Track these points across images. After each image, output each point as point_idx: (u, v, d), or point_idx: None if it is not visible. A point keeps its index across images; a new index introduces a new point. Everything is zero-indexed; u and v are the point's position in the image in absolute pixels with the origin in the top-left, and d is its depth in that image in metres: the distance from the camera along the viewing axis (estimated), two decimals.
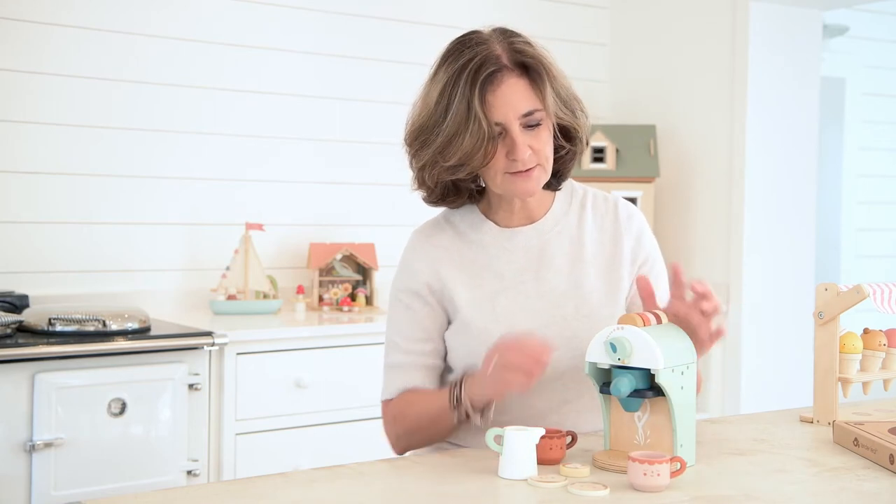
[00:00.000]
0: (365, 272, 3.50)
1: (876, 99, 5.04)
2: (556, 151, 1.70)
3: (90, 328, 2.65)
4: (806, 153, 3.79)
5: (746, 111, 3.65)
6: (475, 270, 1.74)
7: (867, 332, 1.82)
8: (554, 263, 1.74)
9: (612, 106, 4.16)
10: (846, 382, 1.77)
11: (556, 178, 1.76)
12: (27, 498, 2.49)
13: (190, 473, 2.71)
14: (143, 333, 2.71)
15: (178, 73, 3.33)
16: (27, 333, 2.64)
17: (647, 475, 1.35)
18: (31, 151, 3.11)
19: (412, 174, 1.74)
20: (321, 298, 3.42)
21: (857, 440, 1.57)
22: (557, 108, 1.65)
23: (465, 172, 1.66)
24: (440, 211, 1.83)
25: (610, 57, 4.23)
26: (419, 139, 1.69)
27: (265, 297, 3.29)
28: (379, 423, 2.99)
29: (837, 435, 1.64)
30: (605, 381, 1.51)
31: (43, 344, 2.53)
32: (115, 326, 2.68)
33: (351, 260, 3.49)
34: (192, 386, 2.71)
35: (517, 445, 1.42)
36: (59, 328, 2.63)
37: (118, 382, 2.61)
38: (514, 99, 1.62)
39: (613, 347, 1.47)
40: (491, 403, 1.62)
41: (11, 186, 3.08)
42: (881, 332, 1.82)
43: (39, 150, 3.12)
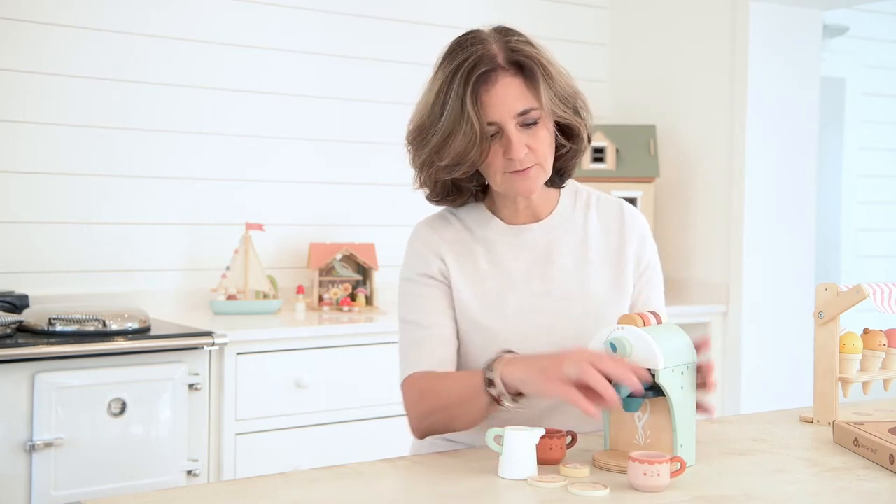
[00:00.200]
0: (365, 272, 3.50)
1: (876, 99, 5.04)
2: (557, 150, 1.70)
3: (90, 328, 2.65)
4: (806, 153, 3.78)
5: (746, 111, 3.65)
6: (481, 266, 1.74)
7: (867, 332, 1.82)
8: (560, 262, 1.74)
9: (612, 106, 4.16)
10: (846, 382, 1.77)
11: (559, 176, 1.76)
12: (27, 498, 2.49)
13: (190, 473, 2.71)
14: (143, 333, 2.71)
15: (178, 73, 3.33)
16: (27, 333, 2.64)
17: (647, 475, 1.35)
18: (31, 151, 3.11)
19: (413, 173, 1.74)
20: (321, 298, 3.42)
21: (857, 440, 1.57)
22: (555, 106, 1.64)
23: (460, 172, 1.66)
24: (443, 207, 1.82)
25: (610, 57, 4.23)
26: (418, 138, 1.69)
27: (265, 297, 3.29)
28: (379, 423, 3.04)
29: (837, 435, 1.64)
30: None
31: (43, 344, 2.53)
32: (115, 326, 2.68)
33: (351, 260, 3.49)
34: (192, 386, 2.71)
35: (517, 445, 1.42)
36: (59, 328, 2.63)
37: (118, 382, 2.61)
38: (508, 98, 1.62)
39: (613, 347, 1.47)
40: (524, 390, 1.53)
41: (11, 186, 3.08)
42: (881, 332, 1.82)
43: (39, 150, 3.12)
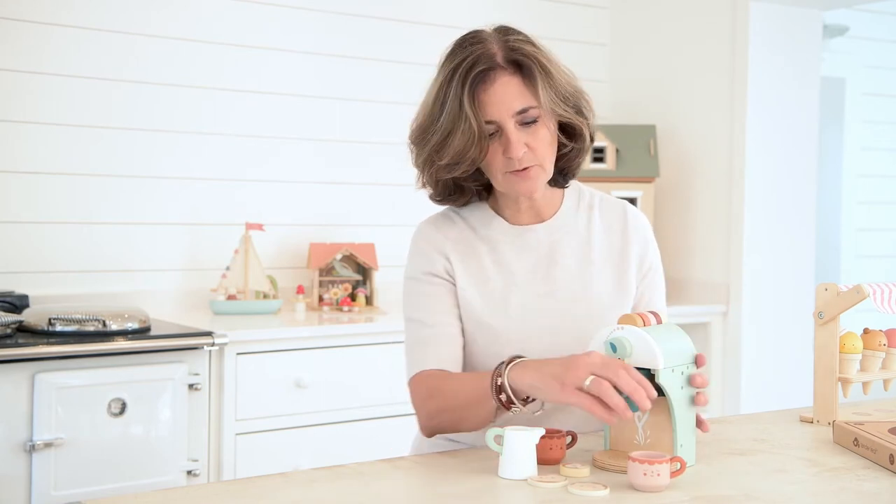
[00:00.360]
0: (365, 272, 3.50)
1: (876, 99, 5.04)
2: (559, 149, 1.70)
3: (90, 328, 2.65)
4: (806, 153, 3.78)
5: (746, 111, 3.65)
6: (485, 265, 1.74)
7: (867, 332, 1.82)
8: (563, 263, 1.74)
9: (612, 106, 4.16)
10: (846, 382, 1.77)
11: (562, 176, 1.76)
12: (27, 498, 2.49)
13: (190, 473, 2.71)
14: (143, 333, 2.71)
15: (178, 73, 3.33)
16: (27, 333, 2.64)
17: (647, 475, 1.35)
18: (31, 151, 3.11)
19: (416, 173, 1.75)
20: (321, 298, 3.42)
21: (857, 440, 1.57)
22: (555, 105, 1.64)
23: (460, 171, 1.66)
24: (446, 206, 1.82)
25: (610, 57, 4.23)
26: (419, 138, 1.70)
27: (265, 297, 3.29)
28: (379, 423, 3.04)
29: (837, 435, 1.64)
30: None
31: (43, 344, 2.53)
32: (115, 326, 2.68)
33: (351, 260, 3.49)
34: (192, 386, 2.71)
35: (517, 445, 1.42)
36: (59, 328, 2.63)
37: (118, 382, 2.61)
38: (506, 97, 1.62)
39: (613, 347, 1.47)
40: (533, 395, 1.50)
41: (11, 186, 3.08)
42: (881, 332, 1.82)
43: (39, 150, 3.12)
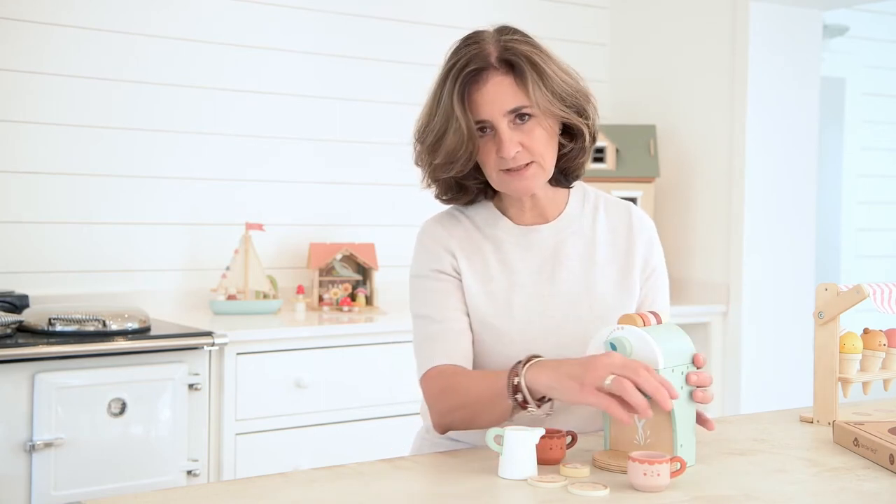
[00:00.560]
0: (365, 272, 3.50)
1: (876, 99, 5.04)
2: (560, 148, 1.70)
3: (90, 328, 2.65)
4: (806, 153, 3.78)
5: (746, 111, 3.65)
6: (489, 264, 1.74)
7: (867, 332, 1.82)
8: (568, 263, 1.74)
9: (612, 106, 4.16)
10: (846, 382, 1.77)
11: (564, 176, 1.76)
12: (27, 498, 2.49)
13: (190, 473, 2.71)
14: (143, 333, 2.71)
15: (178, 73, 3.33)
16: (27, 333, 2.64)
17: (647, 475, 1.35)
18: (31, 151, 3.11)
19: (420, 172, 1.75)
20: (321, 298, 3.42)
21: (857, 440, 1.57)
22: (551, 104, 1.63)
23: (455, 170, 1.67)
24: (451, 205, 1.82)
25: (610, 57, 4.23)
26: (419, 137, 1.71)
27: (265, 297, 3.29)
28: (379, 423, 3.04)
29: (837, 435, 1.64)
30: None
31: (43, 344, 2.53)
32: (115, 326, 2.68)
33: (351, 260, 3.49)
34: (192, 386, 2.71)
35: (517, 445, 1.42)
36: (59, 328, 2.63)
37: (118, 382, 2.61)
38: (498, 97, 1.62)
39: (613, 347, 1.47)
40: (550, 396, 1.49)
41: (11, 186, 3.08)
42: (881, 332, 1.82)
43: (39, 150, 3.12)
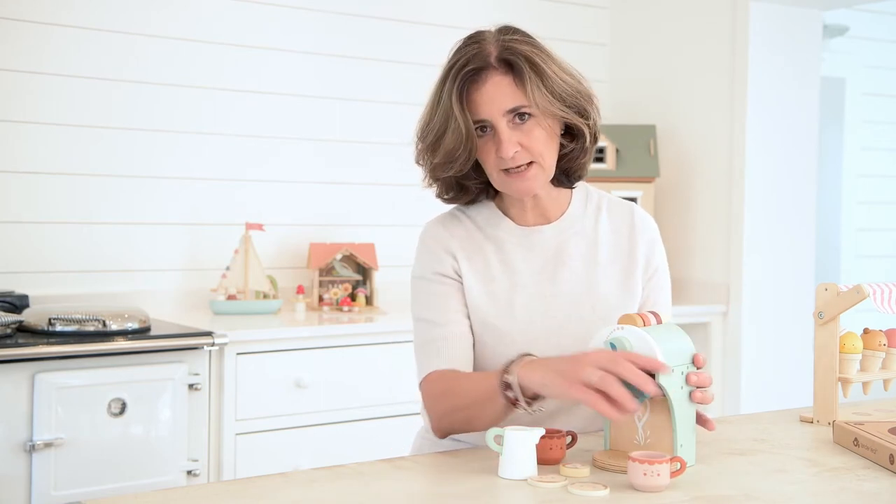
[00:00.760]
0: (365, 272, 3.49)
1: (876, 99, 5.04)
2: (561, 149, 1.70)
3: (90, 328, 2.65)
4: (806, 153, 3.78)
5: (746, 111, 3.65)
6: (491, 265, 1.74)
7: (867, 332, 1.82)
8: (570, 264, 1.74)
9: (612, 106, 4.16)
10: (846, 382, 1.77)
11: (566, 176, 1.75)
12: (27, 498, 2.49)
13: (190, 473, 2.71)
14: (143, 333, 2.71)
15: (178, 73, 3.33)
16: (27, 333, 2.63)
17: (647, 475, 1.35)
18: (31, 151, 3.11)
19: (422, 172, 1.75)
20: (321, 298, 3.42)
21: (857, 440, 1.57)
22: (551, 104, 1.63)
23: (454, 170, 1.67)
24: (449, 206, 1.82)
25: (610, 57, 4.23)
26: (420, 137, 1.71)
27: (265, 297, 3.29)
28: (379, 423, 3.04)
29: (837, 435, 1.64)
30: None
31: (43, 344, 2.53)
32: (115, 326, 2.68)
33: (351, 260, 3.49)
34: (192, 386, 2.71)
35: (517, 445, 1.42)
36: (59, 328, 2.63)
37: (118, 382, 2.61)
38: (497, 96, 1.62)
39: (613, 347, 1.47)
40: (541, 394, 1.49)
41: (11, 186, 3.08)
42: (881, 332, 1.82)
43: (39, 150, 3.12)
